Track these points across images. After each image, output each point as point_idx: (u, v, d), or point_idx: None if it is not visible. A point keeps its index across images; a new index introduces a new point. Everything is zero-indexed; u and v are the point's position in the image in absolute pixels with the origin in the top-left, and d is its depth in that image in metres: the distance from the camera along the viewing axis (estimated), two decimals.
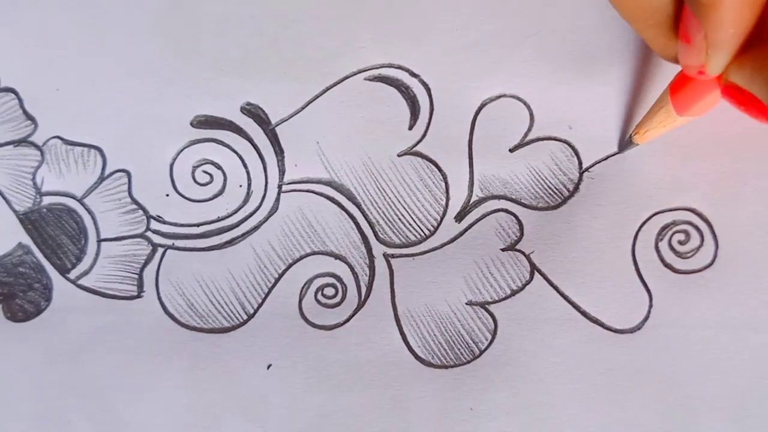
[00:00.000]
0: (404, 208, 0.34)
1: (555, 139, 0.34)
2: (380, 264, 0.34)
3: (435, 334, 0.33)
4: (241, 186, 0.35)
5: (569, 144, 0.34)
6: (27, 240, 0.35)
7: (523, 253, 0.34)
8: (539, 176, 0.34)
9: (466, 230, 0.34)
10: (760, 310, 0.33)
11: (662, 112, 0.31)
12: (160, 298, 0.34)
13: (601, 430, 0.32)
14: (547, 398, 0.33)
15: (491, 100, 0.35)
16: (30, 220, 0.35)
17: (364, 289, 0.34)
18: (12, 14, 0.36)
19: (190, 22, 0.35)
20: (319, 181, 0.35)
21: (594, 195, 0.34)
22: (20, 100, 0.36)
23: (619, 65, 0.34)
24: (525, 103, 0.34)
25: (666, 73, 0.33)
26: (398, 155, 0.35)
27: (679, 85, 0.30)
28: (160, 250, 0.35)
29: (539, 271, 0.33)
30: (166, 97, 0.35)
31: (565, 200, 0.34)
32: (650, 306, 0.33)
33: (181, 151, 0.35)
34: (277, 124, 0.35)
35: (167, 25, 0.35)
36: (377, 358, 0.33)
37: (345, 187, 0.35)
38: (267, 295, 0.34)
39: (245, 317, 0.34)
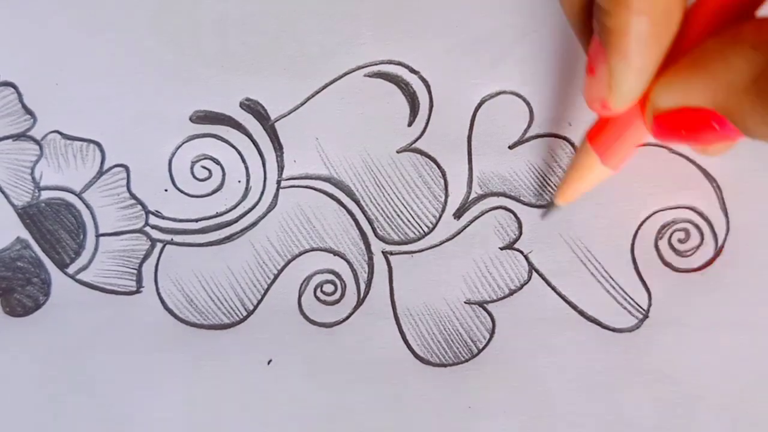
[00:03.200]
0: (403, 204, 0.34)
1: (555, 135, 0.34)
2: (379, 261, 0.34)
3: (434, 333, 0.33)
4: (239, 181, 0.34)
5: (569, 141, 0.34)
6: (25, 234, 0.35)
7: (521, 252, 0.33)
8: (539, 173, 0.34)
9: (464, 227, 0.34)
10: (759, 309, 0.32)
11: (585, 167, 0.29)
12: (159, 294, 0.34)
13: (600, 428, 0.32)
14: (545, 397, 0.32)
15: (491, 96, 0.34)
16: (28, 215, 0.35)
17: (363, 287, 0.34)
18: (12, 8, 0.35)
19: (191, 18, 0.35)
20: (318, 177, 0.34)
21: (593, 193, 0.33)
22: (19, 94, 0.35)
23: None
24: (524, 100, 0.34)
25: None
26: (397, 152, 0.34)
27: (597, 131, 0.29)
28: (159, 246, 0.34)
29: (537, 272, 0.33)
30: (165, 92, 0.35)
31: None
32: (649, 305, 0.33)
33: (180, 146, 0.35)
34: (277, 120, 0.34)
35: (167, 20, 0.35)
36: (376, 355, 0.33)
37: (344, 183, 0.34)
38: (266, 291, 0.34)
39: (244, 313, 0.34)
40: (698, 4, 0.25)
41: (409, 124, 0.34)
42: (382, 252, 0.34)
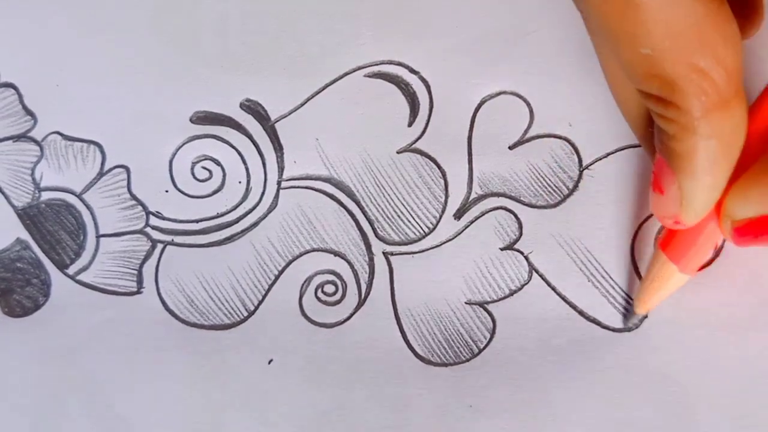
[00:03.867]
0: (403, 205, 0.34)
1: (555, 136, 0.34)
2: (380, 262, 0.33)
3: (434, 333, 0.33)
4: (240, 182, 0.34)
5: (569, 141, 0.34)
6: (25, 235, 0.34)
7: (522, 253, 0.33)
8: (539, 174, 0.33)
9: (465, 228, 0.33)
10: (759, 309, 0.32)
11: (661, 274, 0.29)
12: (159, 295, 0.34)
13: (599, 428, 0.32)
14: (545, 396, 0.32)
15: (491, 97, 0.34)
16: (28, 216, 0.35)
17: (363, 287, 0.33)
18: (12, 9, 0.35)
19: (191, 18, 0.35)
20: (318, 178, 0.34)
21: (594, 193, 0.33)
22: (20, 95, 0.35)
23: None
24: (525, 100, 0.34)
25: None
26: (397, 152, 0.34)
27: (668, 239, 0.29)
28: (160, 246, 0.34)
29: (537, 272, 0.33)
30: (165, 93, 0.35)
31: (564, 198, 0.33)
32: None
33: (181, 147, 0.34)
34: (277, 121, 0.34)
35: (167, 20, 0.35)
36: (377, 355, 0.33)
37: (344, 183, 0.34)
38: (267, 292, 0.34)
39: (245, 314, 0.34)
40: (759, 106, 0.25)
41: (409, 125, 0.34)
42: (383, 252, 0.34)
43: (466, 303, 0.33)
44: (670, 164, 0.25)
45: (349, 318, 0.33)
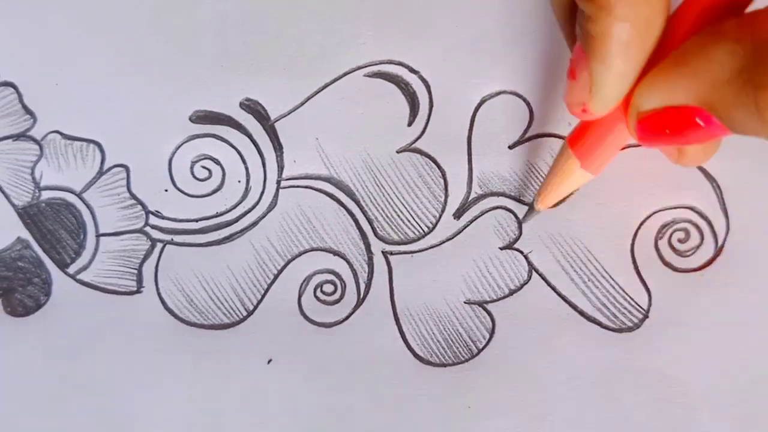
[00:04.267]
0: (403, 204, 0.34)
1: (554, 135, 0.34)
2: (379, 261, 0.33)
3: (434, 333, 0.33)
4: (239, 181, 0.34)
5: None
6: (26, 234, 0.34)
7: (521, 252, 0.33)
8: (539, 173, 0.33)
9: (464, 227, 0.33)
10: (759, 309, 0.32)
11: (566, 171, 0.29)
12: (159, 294, 0.34)
13: (599, 429, 0.32)
14: (545, 397, 0.32)
15: (491, 96, 0.34)
16: (29, 215, 0.34)
17: (363, 287, 0.33)
18: (12, 8, 0.35)
19: (190, 18, 0.35)
20: (318, 177, 0.34)
21: (593, 193, 0.33)
22: (19, 94, 0.35)
23: None
24: (524, 100, 0.34)
25: None
26: (397, 152, 0.34)
27: (577, 136, 0.29)
28: (159, 246, 0.34)
29: (537, 272, 0.33)
30: (165, 92, 0.34)
31: (564, 198, 0.33)
32: (649, 305, 0.32)
33: (180, 146, 0.34)
34: (276, 120, 0.34)
35: (167, 20, 0.35)
36: (376, 355, 0.33)
37: (344, 183, 0.34)
38: (266, 291, 0.34)
39: (245, 313, 0.33)
40: (681, 11, 0.25)
41: (409, 124, 0.34)
42: (382, 252, 0.33)
43: (465, 303, 0.33)
44: (585, 47, 0.25)
45: (348, 317, 0.33)
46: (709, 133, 0.24)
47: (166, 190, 0.34)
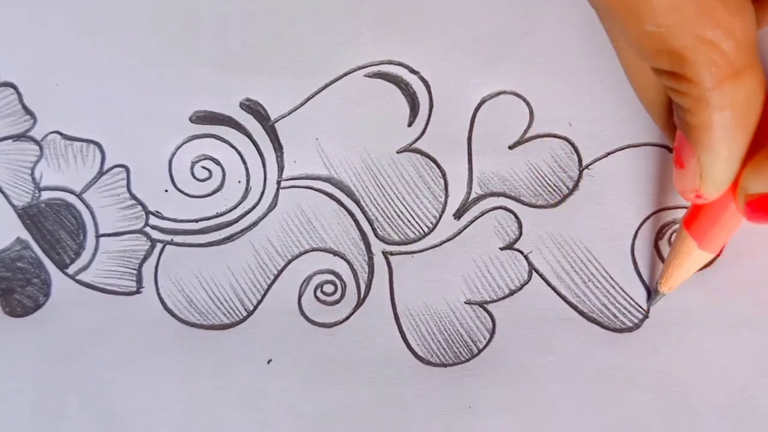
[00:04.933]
0: (403, 205, 0.34)
1: (555, 136, 0.33)
2: (379, 261, 0.33)
3: (434, 333, 0.33)
4: (239, 182, 0.34)
5: (569, 141, 0.33)
6: (25, 235, 0.34)
7: (521, 252, 0.33)
8: (539, 173, 0.33)
9: (464, 228, 0.33)
10: (759, 309, 0.32)
11: (685, 253, 0.30)
12: (159, 294, 0.34)
13: (599, 429, 0.32)
14: (545, 397, 0.32)
15: (491, 96, 0.34)
16: (28, 215, 0.34)
17: (363, 287, 0.33)
18: (12, 9, 0.35)
19: (191, 18, 0.35)
20: (318, 178, 0.34)
21: (594, 193, 0.33)
22: (19, 94, 0.35)
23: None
24: (525, 100, 0.34)
25: None
26: (397, 152, 0.34)
27: (692, 217, 0.29)
28: (159, 246, 0.34)
29: (537, 272, 0.33)
30: (165, 93, 0.34)
31: (564, 198, 0.33)
32: (649, 305, 0.32)
33: (180, 146, 0.34)
34: (277, 120, 0.34)
35: (167, 20, 0.35)
36: (376, 355, 0.33)
37: (344, 183, 0.34)
38: (266, 291, 0.33)
39: (244, 314, 0.33)
40: None
41: (409, 124, 0.34)
42: (383, 252, 0.33)
43: (465, 303, 0.33)
44: (688, 138, 0.25)
45: (348, 318, 0.33)
46: None
47: (166, 191, 0.34)
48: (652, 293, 0.32)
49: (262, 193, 0.34)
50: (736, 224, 0.29)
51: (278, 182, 0.34)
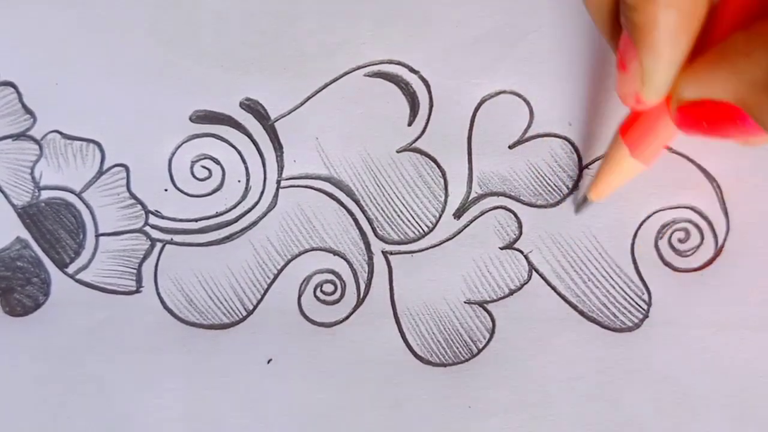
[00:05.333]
0: (403, 204, 0.33)
1: (555, 135, 0.33)
2: (379, 261, 0.33)
3: (434, 332, 0.33)
4: (239, 181, 0.34)
5: (569, 140, 0.33)
6: (25, 234, 0.34)
7: (521, 252, 0.33)
8: (539, 173, 0.33)
9: (464, 227, 0.33)
10: (759, 309, 0.32)
11: (615, 160, 0.29)
12: (158, 294, 0.34)
13: (599, 429, 0.32)
14: (545, 397, 0.32)
15: (491, 96, 0.34)
16: (28, 214, 0.34)
17: (363, 286, 0.33)
18: (12, 8, 0.35)
19: (190, 18, 0.35)
20: (317, 177, 0.34)
21: None
22: (19, 93, 0.35)
23: None
24: (525, 100, 0.34)
25: None
26: (397, 151, 0.34)
27: (628, 125, 0.29)
28: (159, 245, 0.34)
29: (537, 271, 0.33)
30: (165, 92, 0.34)
31: (564, 197, 0.33)
32: (649, 305, 0.32)
33: (180, 146, 0.34)
34: (276, 120, 0.34)
35: (167, 20, 0.35)
36: (376, 355, 0.33)
37: (344, 183, 0.34)
38: (266, 291, 0.33)
39: (244, 313, 0.33)
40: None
41: (409, 124, 0.34)
42: (382, 252, 0.33)
43: (465, 302, 0.33)
44: (632, 38, 0.25)
45: (347, 317, 0.33)
46: (744, 131, 0.24)
47: (166, 190, 0.34)
48: (581, 201, 0.32)
49: (262, 192, 0.34)
50: (671, 135, 0.28)
51: (278, 182, 0.34)
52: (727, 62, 0.23)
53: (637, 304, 0.32)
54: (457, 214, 0.33)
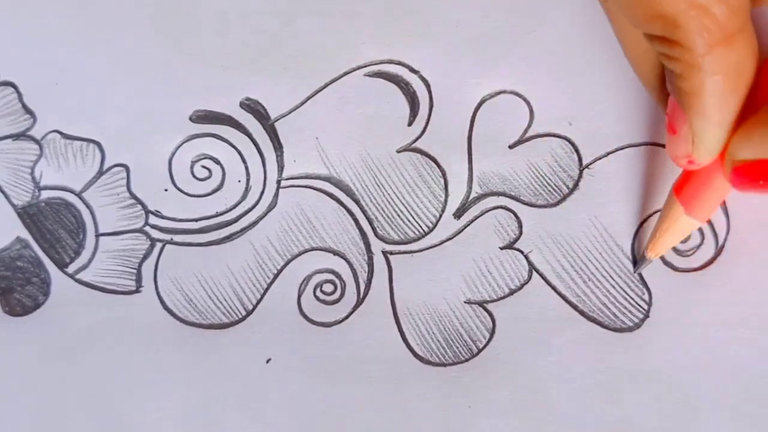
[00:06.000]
0: (403, 204, 0.33)
1: (555, 135, 0.33)
2: (379, 261, 0.33)
3: (434, 332, 0.33)
4: (239, 181, 0.34)
5: (569, 140, 0.33)
6: (25, 234, 0.34)
7: (521, 252, 0.33)
8: (539, 173, 0.33)
9: (465, 227, 0.33)
10: (759, 309, 0.32)
11: (671, 218, 0.30)
12: (158, 294, 0.34)
13: (599, 429, 0.32)
14: (545, 397, 0.32)
15: (491, 96, 0.33)
16: (28, 214, 0.34)
17: (362, 286, 0.33)
18: (12, 8, 0.35)
19: (191, 17, 0.34)
20: (317, 177, 0.34)
21: (594, 192, 0.33)
22: (19, 93, 0.35)
23: (620, 60, 0.33)
24: (525, 100, 0.33)
25: None
26: (397, 151, 0.34)
27: (682, 183, 0.29)
28: (159, 245, 0.34)
29: (537, 271, 0.33)
30: (165, 92, 0.34)
31: (564, 197, 0.33)
32: (650, 305, 0.32)
33: (180, 145, 0.34)
34: (276, 120, 0.34)
35: (167, 19, 0.35)
36: (376, 355, 0.33)
37: (344, 183, 0.34)
38: (265, 291, 0.33)
39: (244, 313, 0.33)
40: None
41: (409, 124, 0.34)
42: (382, 252, 0.33)
43: (465, 302, 0.33)
44: (680, 104, 0.25)
45: (347, 317, 0.33)
46: None
47: (166, 190, 0.34)
48: (638, 260, 0.32)
49: (262, 192, 0.34)
50: (725, 192, 0.28)
51: (278, 182, 0.34)
52: None
53: (637, 304, 0.32)
54: (457, 214, 0.33)
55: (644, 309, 0.32)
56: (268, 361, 0.33)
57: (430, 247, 0.33)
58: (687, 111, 0.25)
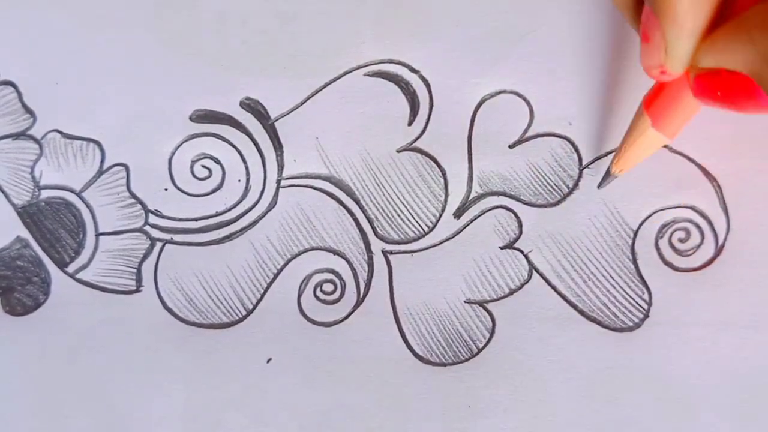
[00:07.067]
0: (403, 204, 0.33)
1: (555, 135, 0.33)
2: (379, 260, 0.33)
3: (433, 332, 0.32)
4: (239, 181, 0.34)
5: (569, 140, 0.33)
6: (25, 233, 0.34)
7: (521, 252, 0.33)
8: (539, 172, 0.33)
9: (465, 227, 0.33)
10: (760, 309, 0.32)
11: (638, 131, 0.29)
12: (158, 293, 0.33)
13: (599, 428, 0.32)
14: (545, 396, 0.32)
15: (491, 96, 0.33)
16: (28, 214, 0.34)
17: (362, 286, 0.33)
18: (12, 8, 0.35)
19: (191, 17, 0.34)
20: (317, 177, 0.34)
21: (594, 192, 0.33)
22: (19, 93, 0.35)
23: (620, 61, 0.33)
24: (525, 99, 0.33)
25: None
26: (397, 151, 0.34)
27: (653, 97, 0.29)
28: (159, 245, 0.34)
29: (537, 271, 0.32)
30: (165, 91, 0.34)
31: (564, 197, 0.33)
32: (650, 304, 0.32)
33: (180, 145, 0.34)
34: (277, 119, 0.34)
35: (167, 19, 0.34)
36: (376, 355, 0.33)
37: (344, 182, 0.33)
38: (266, 290, 0.33)
39: (244, 313, 0.33)
40: None
41: (409, 124, 0.34)
42: (382, 251, 0.33)
43: (465, 302, 0.33)
44: (655, 10, 0.25)
45: (347, 317, 0.33)
46: (758, 104, 0.24)
47: (166, 189, 0.34)
48: (604, 175, 0.32)
49: (262, 192, 0.34)
50: (692, 108, 0.28)
51: (278, 181, 0.34)
52: (744, 34, 0.23)
53: (637, 303, 0.32)
54: (457, 214, 0.33)
55: (644, 309, 0.32)
56: (268, 361, 0.33)
57: (430, 247, 0.33)
58: (660, 17, 0.25)
